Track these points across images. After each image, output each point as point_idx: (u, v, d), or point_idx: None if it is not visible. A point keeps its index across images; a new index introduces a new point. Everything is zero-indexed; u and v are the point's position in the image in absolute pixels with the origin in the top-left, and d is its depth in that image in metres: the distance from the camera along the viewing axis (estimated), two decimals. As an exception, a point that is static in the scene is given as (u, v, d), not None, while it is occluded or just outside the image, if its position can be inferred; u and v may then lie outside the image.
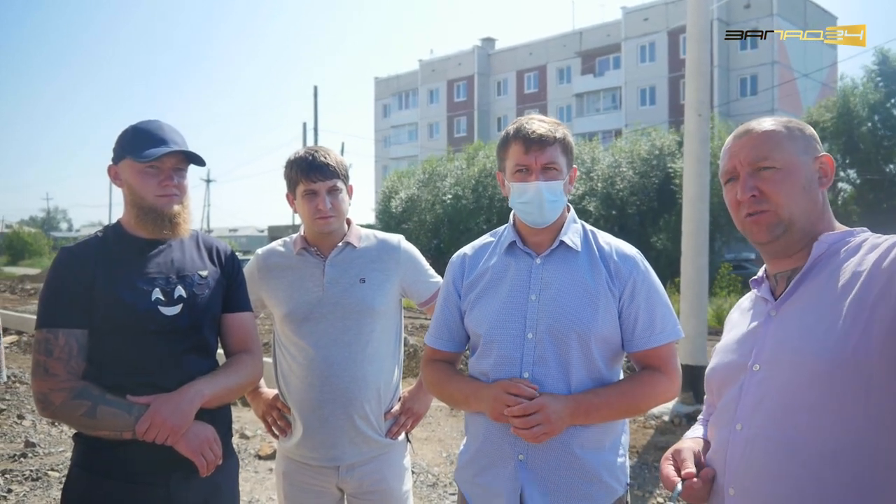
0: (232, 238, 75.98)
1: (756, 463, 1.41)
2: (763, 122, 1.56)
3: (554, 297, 1.93)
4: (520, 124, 1.99)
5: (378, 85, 62.38)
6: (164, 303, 1.99)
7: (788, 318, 1.46)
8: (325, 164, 2.43)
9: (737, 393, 1.50)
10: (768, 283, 1.59)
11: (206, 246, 2.19)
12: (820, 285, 1.43)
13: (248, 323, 2.22)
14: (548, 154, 1.95)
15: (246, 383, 2.14)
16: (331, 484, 2.48)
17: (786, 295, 1.49)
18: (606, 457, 1.96)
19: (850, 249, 1.45)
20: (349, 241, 2.53)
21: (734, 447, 1.46)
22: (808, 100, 38.06)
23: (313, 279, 2.49)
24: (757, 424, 1.43)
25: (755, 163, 1.51)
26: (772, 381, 1.42)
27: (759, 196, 1.50)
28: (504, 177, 2.06)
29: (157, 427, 1.84)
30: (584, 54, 48.60)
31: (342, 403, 2.41)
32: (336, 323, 2.44)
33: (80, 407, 1.85)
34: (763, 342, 1.49)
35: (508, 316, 1.95)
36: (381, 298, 2.48)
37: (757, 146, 1.52)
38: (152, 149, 1.98)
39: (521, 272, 2.00)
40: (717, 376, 1.62)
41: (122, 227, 2.09)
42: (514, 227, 2.08)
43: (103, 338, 1.93)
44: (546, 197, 1.94)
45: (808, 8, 41.89)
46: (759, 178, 1.51)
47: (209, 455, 1.93)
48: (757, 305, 1.61)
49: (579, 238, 2.03)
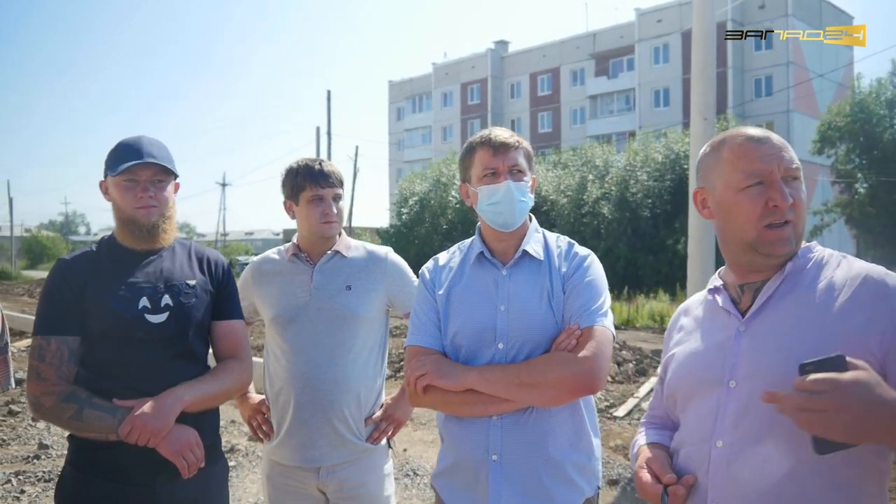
0: (248, 241, 76.45)
1: (739, 480, 1.43)
2: (766, 131, 1.54)
3: (520, 309, 1.99)
4: (484, 133, 2.09)
5: (392, 88, 62.64)
6: (151, 311, 2.08)
7: (763, 334, 1.46)
8: (331, 172, 2.58)
9: (713, 409, 1.50)
10: (728, 293, 1.59)
11: (198, 256, 2.28)
12: (793, 302, 1.45)
13: (238, 330, 2.29)
14: (513, 157, 2.05)
15: (232, 389, 2.22)
16: (312, 487, 2.55)
17: (757, 310, 1.50)
18: (578, 458, 2.00)
19: (813, 266, 1.48)
20: (338, 249, 2.63)
21: (717, 463, 1.47)
22: (823, 100, 37.77)
23: (302, 284, 2.58)
24: (739, 441, 1.44)
25: (790, 169, 1.47)
26: (751, 397, 1.42)
27: (791, 205, 1.46)
28: (469, 186, 2.12)
29: (138, 430, 1.92)
30: (597, 56, 48.50)
31: (322, 406, 2.49)
32: (320, 327, 2.53)
33: (68, 410, 1.95)
34: (737, 358, 1.48)
35: (479, 326, 2.01)
36: (366, 306, 2.55)
37: (787, 151, 1.49)
38: (126, 162, 2.08)
39: (489, 283, 2.05)
40: (683, 389, 1.62)
41: (115, 239, 2.19)
42: (481, 237, 2.14)
43: (95, 344, 2.04)
44: (517, 196, 2.01)
45: (823, 8, 41.57)
46: (789, 186, 1.47)
47: (190, 457, 2.00)
48: (717, 316, 1.60)
49: (541, 247, 2.09)
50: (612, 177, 28.01)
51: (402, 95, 61.10)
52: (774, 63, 39.69)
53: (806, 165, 37.20)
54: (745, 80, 40.87)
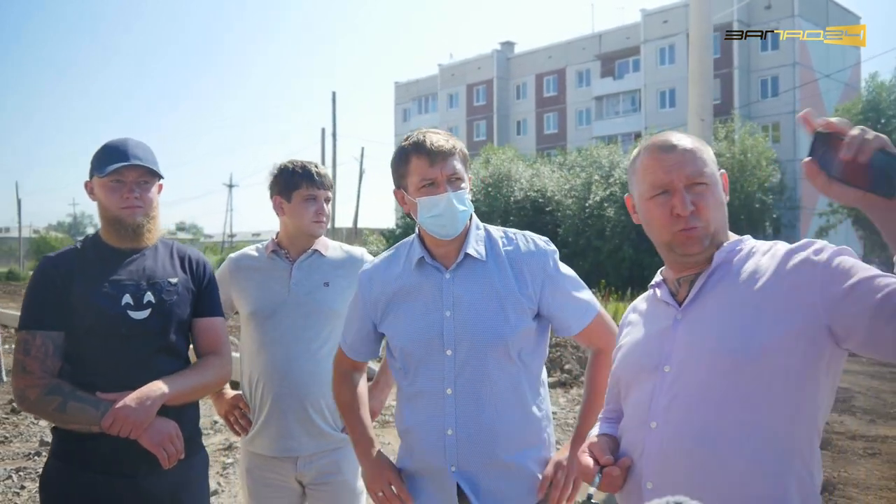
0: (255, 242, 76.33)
1: (672, 458, 1.51)
2: (682, 138, 1.63)
3: (467, 312, 1.97)
4: (417, 139, 1.99)
5: (398, 89, 62.78)
6: (134, 307, 2.15)
7: (696, 321, 1.56)
8: (325, 175, 2.71)
9: (649, 394, 1.59)
10: (667, 286, 1.68)
11: (180, 255, 2.35)
12: (723, 290, 1.54)
13: (218, 327, 2.37)
14: (451, 164, 1.97)
15: (211, 383, 2.29)
16: (290, 478, 2.64)
17: (691, 300, 1.59)
18: (535, 453, 2.04)
19: (743, 256, 1.57)
20: (317, 248, 2.73)
21: (651, 444, 1.55)
22: (829, 100, 37.66)
23: (280, 280, 2.67)
24: (671, 421, 1.52)
25: (691, 178, 1.56)
26: (683, 380, 1.52)
27: (694, 211, 1.55)
28: (405, 194, 2.04)
29: (120, 422, 1.99)
30: (603, 57, 48.50)
31: (298, 397, 2.58)
32: (298, 322, 2.62)
33: (52, 402, 2.02)
34: (672, 345, 1.58)
35: (426, 334, 1.99)
36: (343, 302, 2.62)
37: (691, 162, 1.57)
38: (113, 163, 2.15)
39: (432, 289, 2.02)
40: (624, 377, 1.71)
41: (100, 237, 2.27)
42: (421, 241, 2.08)
43: (79, 339, 2.11)
44: (457, 206, 1.95)
45: (830, 8, 41.44)
46: (693, 193, 1.56)
47: (170, 448, 2.07)
48: (658, 308, 1.69)
49: (483, 246, 2.04)
50: (617, 178, 28.00)
51: (407, 96, 61.21)
52: (781, 63, 39.61)
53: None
54: (752, 80, 40.80)
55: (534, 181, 31.33)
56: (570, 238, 28.27)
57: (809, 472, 1.46)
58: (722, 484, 1.44)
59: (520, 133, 53.04)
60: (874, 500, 5.06)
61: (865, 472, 5.65)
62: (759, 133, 32.91)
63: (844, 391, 8.85)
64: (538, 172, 31.94)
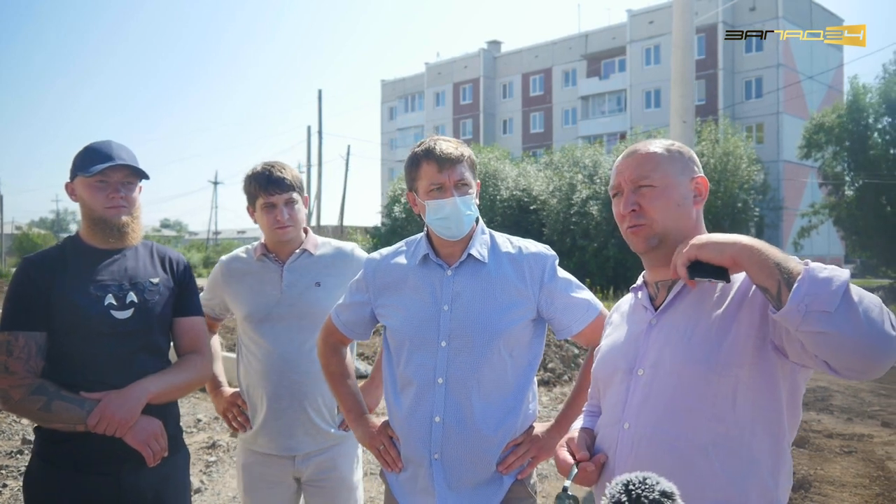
0: (240, 239, 76.27)
1: (642, 458, 1.56)
2: (649, 144, 1.72)
3: (464, 307, 2.07)
4: (428, 146, 2.11)
5: (384, 88, 62.66)
6: (117, 307, 2.18)
7: (668, 327, 1.62)
8: (281, 178, 2.61)
9: (623, 394, 1.65)
10: (647, 290, 1.74)
11: (160, 255, 2.38)
12: (697, 298, 1.60)
13: (199, 326, 2.40)
14: (458, 171, 2.09)
15: (193, 381, 2.32)
16: (287, 474, 2.68)
17: (665, 305, 1.65)
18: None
19: None
20: (306, 248, 2.73)
21: (623, 444, 1.62)
22: (813, 102, 38.06)
23: (272, 283, 2.69)
24: (642, 423, 1.59)
25: (637, 181, 1.67)
26: (655, 384, 1.59)
27: (639, 211, 1.66)
28: (416, 196, 2.16)
29: (106, 420, 2.02)
30: (589, 57, 48.66)
31: (297, 397, 2.61)
32: (292, 323, 2.64)
33: (36, 402, 2.04)
34: (646, 348, 1.64)
35: (423, 325, 2.09)
36: (335, 301, 2.64)
37: (639, 166, 1.68)
38: (99, 164, 2.18)
39: (433, 283, 2.13)
40: (602, 377, 1.78)
41: (80, 238, 2.29)
42: (429, 240, 2.20)
43: (61, 339, 2.13)
44: (463, 210, 2.08)
45: (813, 10, 41.83)
46: (639, 194, 1.67)
47: (155, 446, 2.10)
48: (637, 311, 1.76)
49: (487, 249, 2.15)
50: (601, 177, 28.10)
51: (394, 95, 61.10)
52: (765, 65, 39.93)
53: (794, 167, 37.56)
54: (736, 81, 41.08)
55: (519, 180, 31.39)
56: (556, 237, 28.30)
57: (775, 481, 1.51)
58: (686, 486, 1.48)
59: (506, 132, 53.10)
60: (849, 497, 5.15)
61: (841, 470, 5.76)
62: (742, 133, 33.14)
63: (823, 390, 8.99)
64: (524, 172, 32.00)
